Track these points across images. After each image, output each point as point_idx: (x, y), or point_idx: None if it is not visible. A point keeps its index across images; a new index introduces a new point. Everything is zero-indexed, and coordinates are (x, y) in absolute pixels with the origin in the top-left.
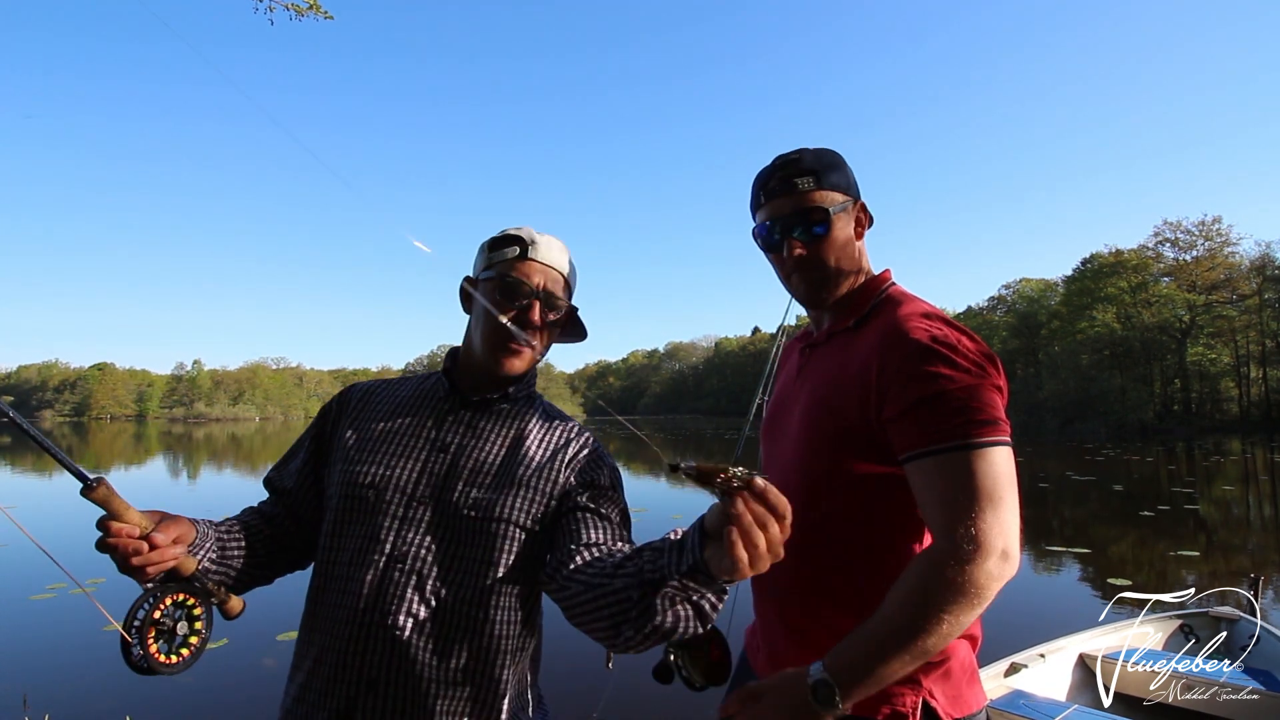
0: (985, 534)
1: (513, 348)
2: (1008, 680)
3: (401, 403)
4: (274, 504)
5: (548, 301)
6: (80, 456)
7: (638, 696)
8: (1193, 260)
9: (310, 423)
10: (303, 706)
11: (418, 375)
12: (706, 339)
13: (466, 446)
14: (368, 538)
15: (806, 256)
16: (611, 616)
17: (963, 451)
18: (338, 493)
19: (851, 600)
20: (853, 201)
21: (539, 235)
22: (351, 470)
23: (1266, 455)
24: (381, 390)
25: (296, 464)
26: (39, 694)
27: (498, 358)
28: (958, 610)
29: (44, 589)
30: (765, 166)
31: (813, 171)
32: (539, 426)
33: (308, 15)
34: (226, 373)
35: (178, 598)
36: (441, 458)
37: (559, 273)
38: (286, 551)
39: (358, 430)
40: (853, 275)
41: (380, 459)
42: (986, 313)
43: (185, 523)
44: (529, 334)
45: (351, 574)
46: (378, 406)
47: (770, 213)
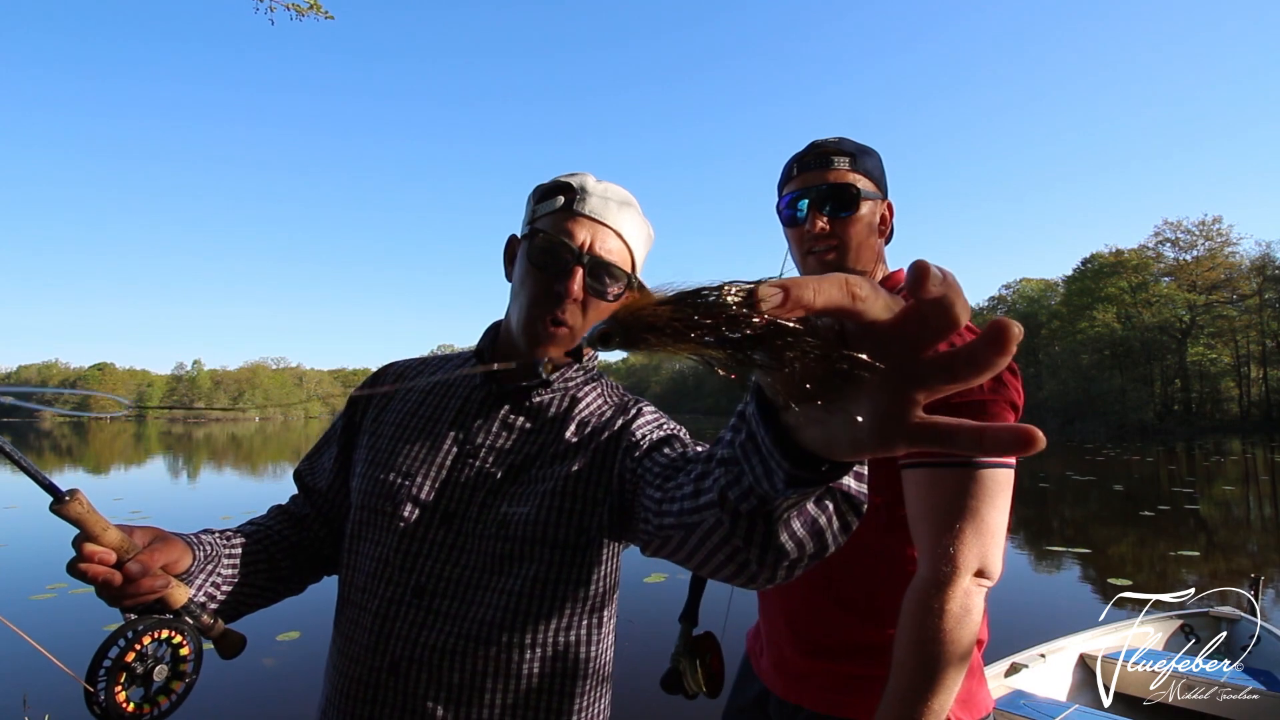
0: (961, 555)
1: (547, 328)
2: (1008, 680)
3: (431, 391)
4: (303, 503)
5: (594, 269)
6: (80, 457)
7: (638, 697)
8: (1193, 260)
9: (342, 411)
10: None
11: (458, 355)
12: None
13: (499, 449)
14: (380, 561)
15: (830, 233)
16: (728, 559)
17: (955, 469)
18: (356, 501)
19: (861, 605)
20: (881, 196)
21: (597, 184)
22: (371, 475)
23: (1266, 455)
24: (415, 372)
25: (328, 459)
26: (39, 694)
27: (527, 338)
28: (956, 632)
29: (44, 589)
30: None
31: (851, 155)
32: (590, 419)
33: (308, 15)
34: (226, 373)
35: (159, 635)
36: (470, 464)
37: (615, 231)
38: (316, 560)
39: (383, 422)
40: (868, 269)
41: (400, 463)
42: (986, 313)
43: (179, 545)
44: (570, 309)
45: (364, 602)
46: (407, 394)
47: (801, 183)
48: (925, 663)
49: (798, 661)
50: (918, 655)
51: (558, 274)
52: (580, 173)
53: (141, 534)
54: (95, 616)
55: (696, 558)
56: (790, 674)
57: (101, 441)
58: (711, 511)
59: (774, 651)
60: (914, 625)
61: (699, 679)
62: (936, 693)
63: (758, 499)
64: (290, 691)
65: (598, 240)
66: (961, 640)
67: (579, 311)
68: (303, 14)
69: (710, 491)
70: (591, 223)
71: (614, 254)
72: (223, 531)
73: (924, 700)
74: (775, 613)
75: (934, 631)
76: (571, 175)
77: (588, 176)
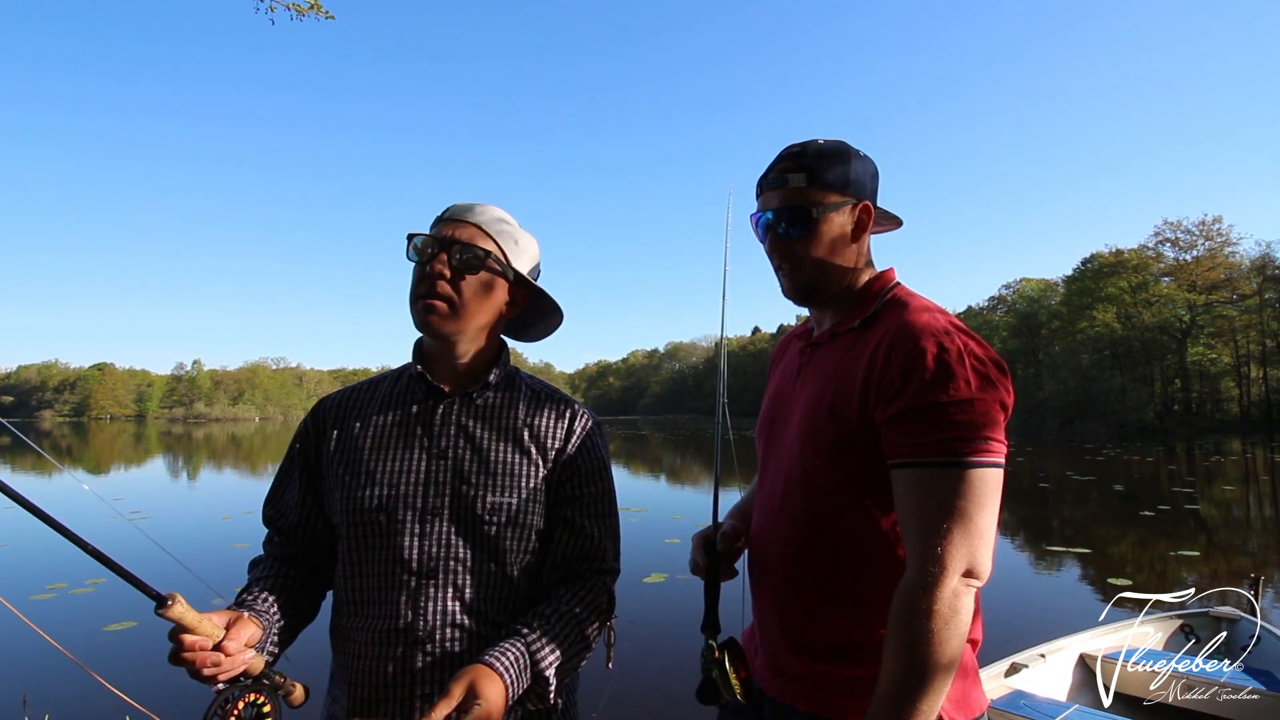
0: (949, 556)
1: (425, 302)
2: (1008, 680)
3: (380, 412)
4: (286, 544)
5: (448, 246)
6: (80, 457)
7: (638, 696)
8: (1193, 260)
9: (288, 449)
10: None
11: (386, 375)
12: (706, 339)
13: (463, 450)
14: (391, 560)
15: (785, 254)
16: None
17: (945, 469)
18: (345, 520)
19: (850, 604)
20: (851, 202)
21: (457, 204)
22: (354, 496)
23: (1266, 455)
24: (353, 400)
25: (294, 498)
26: (39, 694)
27: (415, 314)
28: (944, 633)
29: (44, 589)
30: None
31: (808, 168)
32: (526, 416)
33: (308, 15)
34: (226, 373)
35: (250, 699)
36: (441, 464)
37: (470, 221)
38: (322, 585)
39: (344, 450)
40: (844, 276)
41: (380, 478)
42: (986, 313)
43: (252, 622)
44: (435, 282)
45: (384, 597)
46: (355, 419)
47: (760, 205)
48: (914, 663)
49: (791, 662)
50: (906, 656)
51: (427, 258)
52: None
53: (220, 617)
54: (95, 616)
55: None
56: (784, 675)
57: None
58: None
59: (768, 653)
60: (902, 626)
61: (734, 688)
62: (926, 694)
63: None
64: None
65: (455, 231)
66: (950, 641)
67: (449, 287)
68: (303, 14)
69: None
70: (449, 221)
71: (470, 237)
72: (258, 596)
73: (913, 701)
74: (769, 614)
75: (922, 632)
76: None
77: (464, 202)
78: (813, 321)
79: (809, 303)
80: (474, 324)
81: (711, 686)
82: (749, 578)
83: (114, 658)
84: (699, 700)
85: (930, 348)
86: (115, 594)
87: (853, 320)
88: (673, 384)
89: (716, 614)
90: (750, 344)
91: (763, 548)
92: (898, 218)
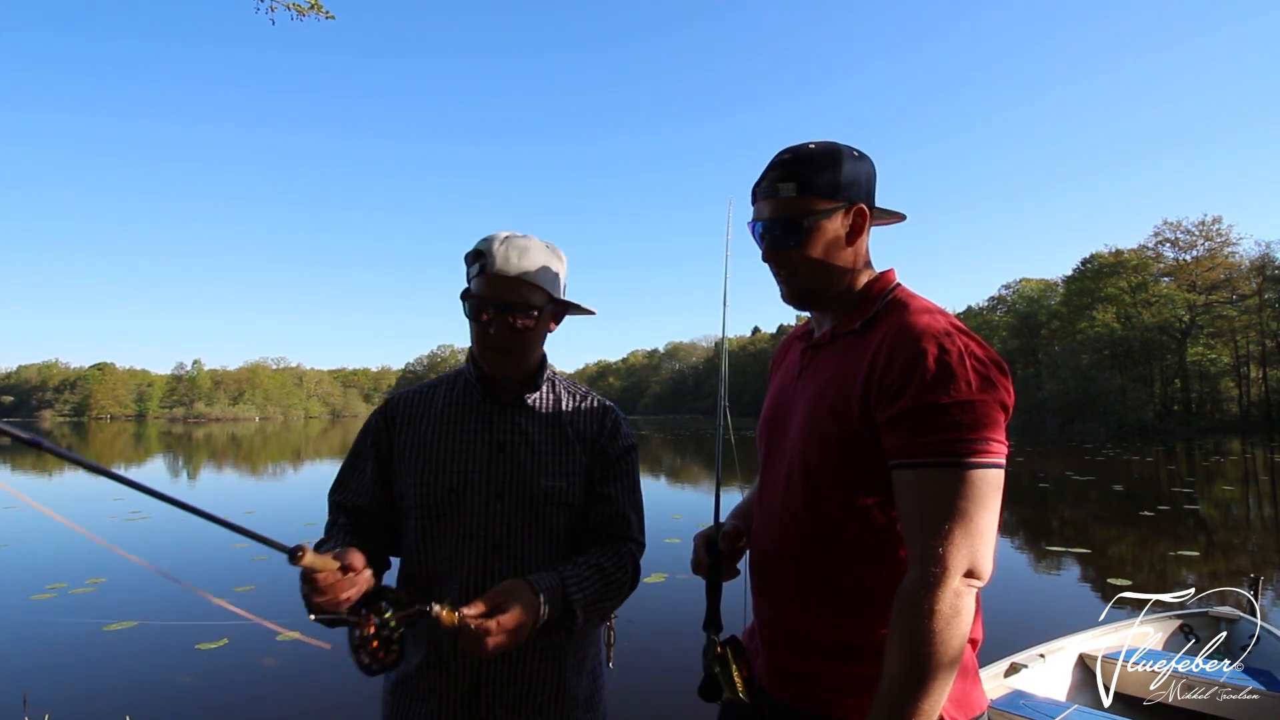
0: (951, 556)
1: (492, 356)
2: (1008, 680)
3: (445, 411)
4: (355, 523)
5: (508, 310)
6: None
7: (638, 695)
8: (1193, 260)
9: (358, 439)
10: (430, 679)
11: (443, 379)
12: (706, 339)
13: (519, 443)
14: (462, 535)
15: (781, 262)
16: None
17: (945, 469)
18: (418, 503)
19: (852, 603)
20: (845, 206)
21: (500, 244)
22: (427, 481)
23: (1266, 455)
24: (419, 400)
25: (366, 482)
26: (39, 694)
27: (486, 363)
28: (946, 633)
29: (44, 589)
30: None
31: (798, 176)
32: (568, 413)
33: (309, 15)
34: (226, 373)
35: (378, 609)
36: (501, 455)
37: (521, 278)
38: (385, 558)
39: (415, 443)
40: (842, 279)
41: (450, 466)
42: (986, 313)
43: (357, 552)
44: (503, 338)
45: (453, 568)
46: (423, 416)
47: (755, 215)
48: (915, 663)
49: (793, 662)
50: (908, 656)
51: (486, 322)
52: (495, 234)
53: (335, 553)
54: (95, 616)
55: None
56: (786, 674)
57: (101, 441)
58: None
59: (769, 652)
60: (904, 626)
61: (735, 685)
62: (927, 693)
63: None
64: (290, 691)
65: (507, 291)
66: (951, 641)
67: (514, 336)
68: (303, 14)
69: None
70: (498, 278)
71: (523, 292)
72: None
73: (914, 700)
74: (770, 613)
75: (924, 632)
76: (486, 240)
77: (498, 236)
78: (814, 323)
79: (808, 307)
80: (532, 358)
81: (714, 683)
82: (750, 578)
83: (114, 658)
84: (701, 697)
85: (931, 349)
86: (115, 594)
87: (853, 322)
88: (673, 384)
89: (719, 612)
90: (750, 344)
91: (764, 548)
92: (899, 213)
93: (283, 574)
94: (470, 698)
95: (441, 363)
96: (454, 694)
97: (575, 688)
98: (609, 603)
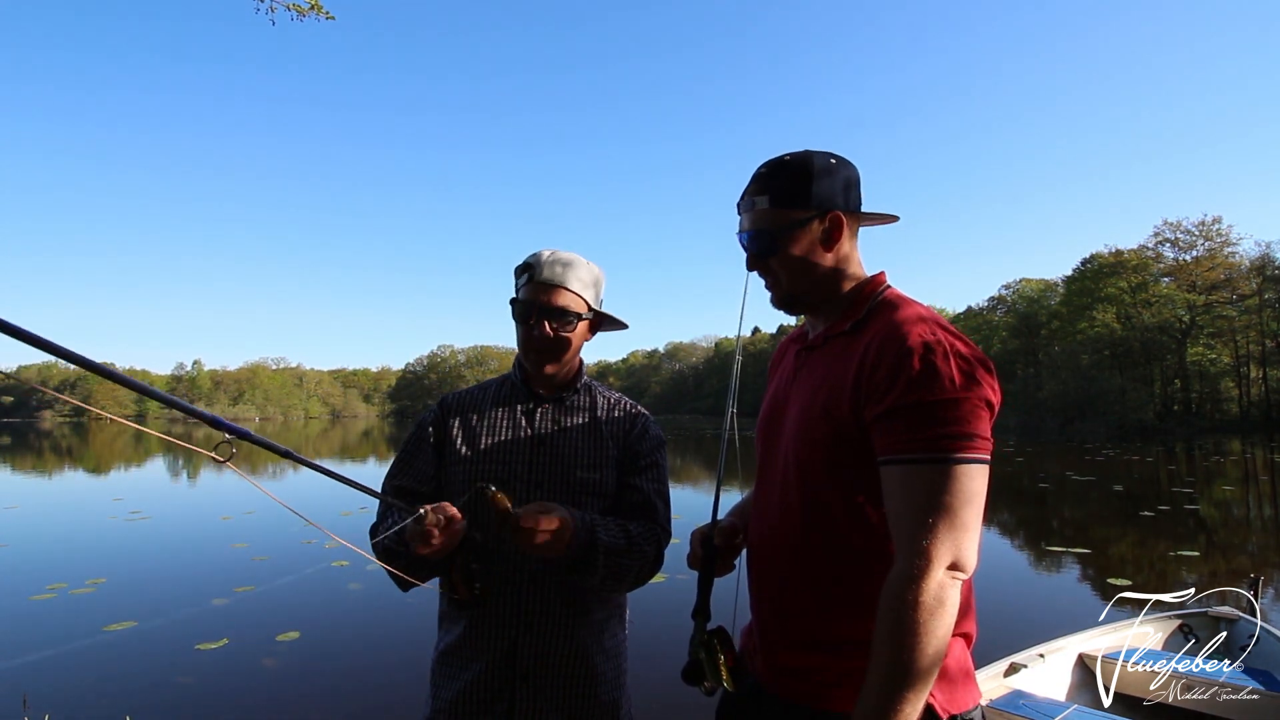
0: (935, 549)
1: (535, 357)
2: (1007, 680)
3: (492, 408)
4: (414, 504)
5: (550, 315)
6: (80, 457)
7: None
8: (1193, 260)
9: (415, 430)
10: (469, 646)
11: (493, 382)
12: (706, 339)
13: (559, 438)
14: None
15: (763, 271)
16: None
17: (930, 465)
18: (465, 490)
19: (847, 599)
20: (818, 215)
21: (547, 257)
22: (476, 471)
23: (1266, 455)
24: (470, 399)
25: (427, 469)
26: (39, 694)
27: (529, 364)
28: (930, 624)
29: (44, 589)
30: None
31: (769, 189)
32: (603, 414)
33: (309, 16)
34: (226, 373)
35: (465, 554)
36: (542, 449)
37: (564, 287)
38: None
39: (466, 436)
40: (825, 285)
41: (497, 457)
42: (986, 313)
43: (447, 504)
44: (545, 341)
45: (497, 547)
46: (473, 413)
47: (738, 227)
48: (901, 654)
49: (790, 658)
50: (893, 647)
51: (532, 325)
52: (544, 250)
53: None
54: (95, 616)
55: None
56: (783, 670)
57: (101, 442)
58: None
59: (766, 649)
60: (889, 618)
61: (720, 673)
62: (913, 683)
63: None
64: (291, 691)
65: (550, 298)
66: (936, 632)
67: (556, 341)
68: (303, 14)
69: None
70: (544, 286)
71: (564, 301)
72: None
73: (900, 690)
74: (767, 610)
75: (909, 623)
76: (535, 254)
77: (545, 252)
78: (808, 325)
79: (796, 311)
80: (572, 361)
81: (697, 668)
82: (748, 574)
83: (114, 658)
84: (684, 680)
85: (917, 348)
86: (115, 594)
87: (844, 324)
88: (673, 384)
89: (708, 601)
90: (750, 344)
91: (760, 546)
92: (890, 215)
93: (283, 574)
94: (507, 663)
95: (441, 363)
96: (493, 656)
97: (601, 665)
98: (628, 560)
